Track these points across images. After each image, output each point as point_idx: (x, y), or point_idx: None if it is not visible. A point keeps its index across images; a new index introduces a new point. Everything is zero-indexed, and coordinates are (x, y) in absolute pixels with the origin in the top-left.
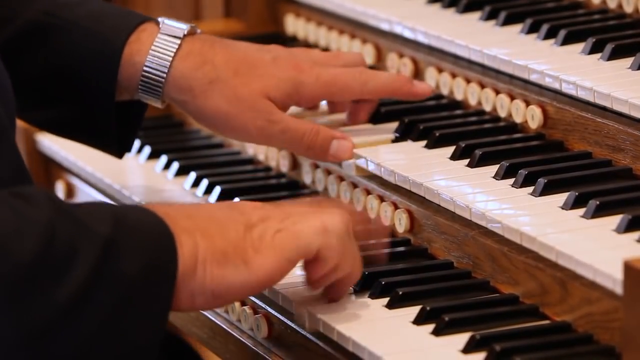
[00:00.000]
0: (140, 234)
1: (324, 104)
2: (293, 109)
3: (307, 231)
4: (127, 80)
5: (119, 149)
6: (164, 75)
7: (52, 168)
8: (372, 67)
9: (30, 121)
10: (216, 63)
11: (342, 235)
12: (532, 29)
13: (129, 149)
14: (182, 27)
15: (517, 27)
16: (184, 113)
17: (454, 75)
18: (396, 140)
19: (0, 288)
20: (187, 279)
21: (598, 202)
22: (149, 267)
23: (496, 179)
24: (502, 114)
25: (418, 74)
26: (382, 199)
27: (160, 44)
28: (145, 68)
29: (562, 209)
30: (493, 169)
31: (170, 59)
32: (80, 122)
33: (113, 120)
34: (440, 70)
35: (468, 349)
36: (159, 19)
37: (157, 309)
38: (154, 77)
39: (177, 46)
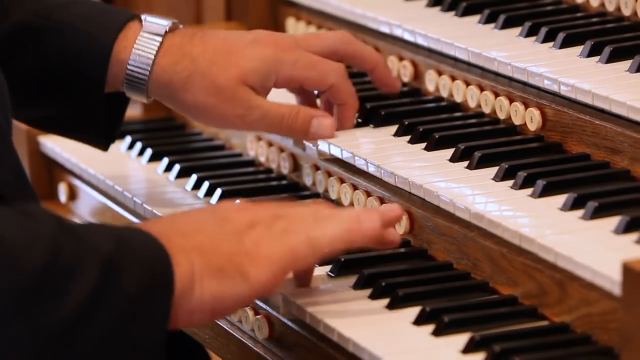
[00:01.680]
0: (139, 253)
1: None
2: None
3: (301, 248)
4: (113, 78)
5: (105, 142)
6: (147, 72)
7: (55, 170)
8: None
9: (20, 119)
10: (194, 56)
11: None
12: (531, 32)
13: (113, 141)
14: (163, 24)
15: (515, 30)
16: (186, 115)
17: (453, 78)
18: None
19: (10, 297)
20: (185, 297)
21: (597, 204)
22: (148, 286)
23: (495, 181)
24: (502, 116)
25: (418, 76)
26: (382, 200)
27: (143, 42)
28: (129, 66)
29: (561, 210)
30: (492, 170)
31: (153, 56)
32: (69, 119)
33: (102, 117)
34: (439, 73)
35: (468, 349)
36: (142, 16)
37: (154, 327)
38: (137, 74)
39: (158, 44)
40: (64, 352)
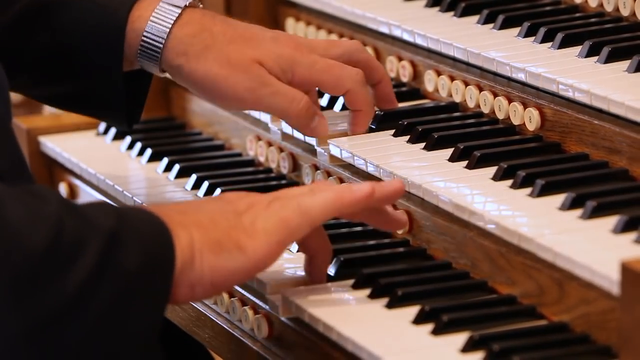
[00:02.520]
0: (141, 228)
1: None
2: None
3: (293, 216)
4: (128, 48)
5: (128, 121)
6: (163, 41)
7: (55, 169)
8: None
9: (38, 98)
10: (214, 32)
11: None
12: (530, 33)
13: (137, 120)
14: None
15: (514, 31)
16: (186, 115)
17: (452, 78)
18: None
19: (15, 276)
20: (185, 270)
21: (595, 203)
22: (150, 260)
23: (494, 181)
24: (500, 116)
25: (417, 76)
26: None
27: (161, 12)
28: (145, 34)
29: (560, 210)
30: (491, 170)
31: (170, 26)
32: (88, 95)
33: (122, 91)
34: (438, 73)
35: (467, 348)
36: None
37: (155, 300)
38: (153, 42)
39: (177, 15)
40: (67, 327)
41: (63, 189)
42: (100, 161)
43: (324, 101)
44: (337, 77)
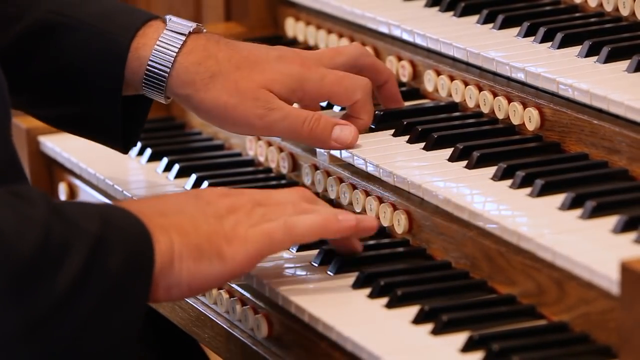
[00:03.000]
0: (123, 233)
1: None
2: None
3: (278, 232)
4: (131, 75)
5: (124, 144)
6: (168, 70)
7: (55, 170)
8: None
9: (38, 117)
10: (219, 58)
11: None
12: (529, 32)
13: (134, 144)
14: (188, 25)
15: (514, 30)
16: (185, 115)
17: (452, 78)
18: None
19: (3, 280)
20: (164, 273)
21: (595, 203)
22: (130, 262)
23: (494, 180)
24: (500, 116)
25: (416, 76)
26: (381, 200)
27: (165, 40)
28: (149, 62)
29: (559, 209)
30: (491, 170)
31: (175, 54)
32: (86, 118)
33: (119, 117)
34: (438, 73)
35: (466, 348)
36: (166, 17)
37: (135, 300)
38: (157, 71)
39: (181, 42)
40: (55, 328)
41: (63, 188)
42: (100, 161)
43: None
44: (346, 89)
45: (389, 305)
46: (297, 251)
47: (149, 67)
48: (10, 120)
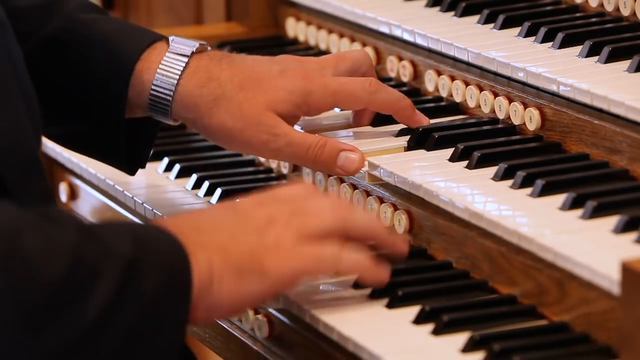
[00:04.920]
0: (158, 253)
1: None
2: None
3: (328, 259)
4: (137, 98)
5: (129, 166)
6: (171, 94)
7: (56, 169)
8: None
9: (44, 134)
10: (222, 80)
11: (342, 216)
12: (530, 32)
13: (142, 166)
14: (190, 45)
15: (515, 31)
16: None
17: (452, 78)
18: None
19: (29, 310)
20: (203, 294)
21: (595, 203)
22: (166, 285)
23: (495, 180)
24: (501, 116)
25: (417, 76)
26: (381, 200)
27: (168, 63)
28: (153, 87)
29: (560, 210)
30: (492, 170)
31: (177, 77)
32: (90, 138)
33: (122, 137)
34: (439, 73)
35: (467, 348)
36: (170, 37)
37: (173, 326)
38: (161, 95)
39: (184, 64)
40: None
41: (63, 189)
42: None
43: None
44: (351, 95)
45: (390, 306)
46: None
47: (152, 92)
48: (41, 144)
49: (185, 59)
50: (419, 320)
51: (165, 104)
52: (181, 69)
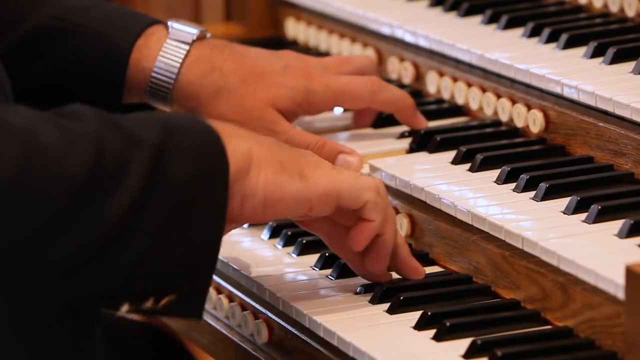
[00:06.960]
0: (189, 136)
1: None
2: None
3: (364, 182)
4: (135, 85)
5: None
6: (172, 82)
7: None
8: None
9: None
10: (224, 71)
11: (387, 201)
12: (534, 33)
13: None
14: (191, 32)
15: (518, 31)
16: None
17: (455, 79)
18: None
19: (56, 207)
20: (240, 179)
21: (600, 207)
22: (201, 171)
23: (497, 184)
24: (504, 118)
25: (419, 77)
26: None
27: (169, 50)
28: (153, 74)
29: (564, 213)
30: (494, 173)
31: (179, 65)
32: None
33: None
34: (441, 74)
35: (469, 354)
36: (168, 23)
37: (211, 214)
38: (162, 83)
39: (185, 52)
40: (117, 253)
41: None
42: None
43: None
44: (353, 94)
45: (391, 311)
46: (297, 255)
47: (152, 79)
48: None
49: (187, 47)
50: (420, 325)
51: (165, 92)
52: (182, 56)
